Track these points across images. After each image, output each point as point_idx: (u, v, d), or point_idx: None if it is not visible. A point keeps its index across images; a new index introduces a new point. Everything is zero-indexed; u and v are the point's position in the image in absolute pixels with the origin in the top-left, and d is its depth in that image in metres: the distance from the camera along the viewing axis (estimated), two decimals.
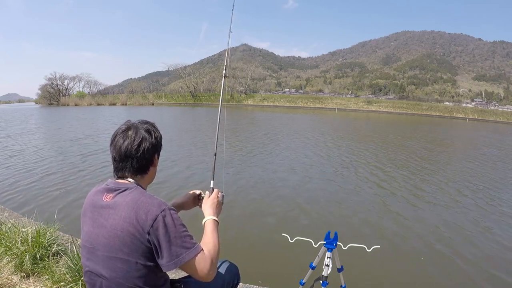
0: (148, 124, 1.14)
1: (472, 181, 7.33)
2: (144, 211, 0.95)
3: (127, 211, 0.96)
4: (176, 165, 7.74)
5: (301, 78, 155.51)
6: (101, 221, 1.00)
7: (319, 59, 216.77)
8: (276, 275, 3.13)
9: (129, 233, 0.94)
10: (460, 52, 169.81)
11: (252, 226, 4.39)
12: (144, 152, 1.07)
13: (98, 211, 1.03)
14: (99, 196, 1.06)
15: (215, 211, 1.22)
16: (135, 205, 0.97)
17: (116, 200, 1.01)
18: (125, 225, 0.95)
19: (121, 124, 1.13)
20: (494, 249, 3.95)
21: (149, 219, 0.94)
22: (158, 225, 0.94)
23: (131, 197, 1.00)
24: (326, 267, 1.74)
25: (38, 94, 63.31)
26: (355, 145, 12.44)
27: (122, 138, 1.06)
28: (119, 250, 0.95)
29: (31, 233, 2.33)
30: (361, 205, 5.35)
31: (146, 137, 1.08)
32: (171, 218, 0.96)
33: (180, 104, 57.30)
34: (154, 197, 1.01)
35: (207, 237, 1.09)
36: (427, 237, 4.24)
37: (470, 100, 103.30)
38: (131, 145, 1.05)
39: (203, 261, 0.98)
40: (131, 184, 1.05)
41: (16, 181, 6.13)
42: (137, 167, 1.08)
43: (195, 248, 0.98)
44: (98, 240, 1.00)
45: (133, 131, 1.08)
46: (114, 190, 1.04)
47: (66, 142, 11.18)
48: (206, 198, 1.28)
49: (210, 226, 1.14)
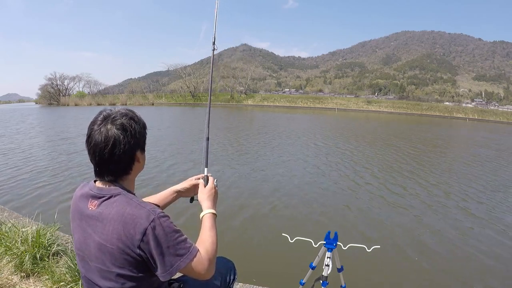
0: (125, 116, 0.96)
1: (473, 184, 7.34)
2: (132, 225, 0.88)
3: (114, 225, 0.90)
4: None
5: (301, 78, 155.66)
6: (89, 232, 0.95)
7: (319, 59, 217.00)
8: (276, 275, 3.13)
9: (118, 248, 0.89)
10: (460, 52, 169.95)
11: (252, 226, 4.39)
12: (120, 156, 0.94)
13: (85, 220, 0.96)
14: (84, 202, 0.98)
15: (213, 203, 1.17)
16: (121, 218, 0.89)
17: (101, 211, 0.93)
18: (113, 240, 0.89)
19: (97, 115, 0.97)
20: (494, 250, 3.95)
21: (138, 233, 0.87)
22: (148, 239, 0.88)
23: (117, 209, 0.91)
24: (326, 267, 1.74)
25: (38, 94, 63.36)
26: (355, 145, 12.44)
27: (95, 139, 0.92)
28: (111, 264, 0.92)
29: (31, 233, 2.33)
30: (361, 205, 5.35)
31: (120, 137, 0.93)
32: (162, 228, 0.90)
33: (180, 104, 57.29)
34: (141, 205, 0.92)
35: (205, 234, 1.04)
36: (428, 237, 4.24)
37: (470, 100, 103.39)
38: (103, 150, 0.92)
39: (200, 263, 0.95)
40: (114, 190, 0.96)
41: (17, 180, 6.13)
42: (116, 170, 0.97)
43: (190, 253, 0.94)
44: (89, 251, 0.95)
45: (104, 129, 0.92)
46: (97, 197, 0.95)
47: (66, 140, 11.20)
48: (201, 188, 1.21)
49: (209, 221, 1.08)
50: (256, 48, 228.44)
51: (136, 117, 1.00)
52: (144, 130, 1.03)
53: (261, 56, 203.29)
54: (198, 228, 1.09)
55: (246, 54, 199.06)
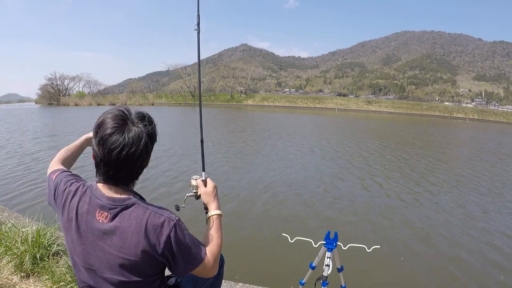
0: (145, 120, 0.91)
1: (480, 182, 7.33)
2: (154, 235, 0.89)
3: (136, 238, 0.88)
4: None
5: (301, 78, 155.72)
6: (101, 246, 0.90)
7: (319, 59, 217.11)
8: (276, 275, 3.13)
9: (142, 259, 0.90)
10: (460, 52, 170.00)
11: (252, 226, 4.39)
12: (142, 159, 0.91)
13: (94, 234, 0.90)
14: (90, 213, 0.90)
15: (218, 203, 1.18)
16: (143, 230, 0.88)
17: (118, 225, 0.88)
18: (137, 253, 0.89)
19: (110, 112, 0.89)
20: (496, 252, 3.95)
21: (162, 241, 0.89)
22: (170, 244, 0.91)
23: (136, 221, 0.89)
24: (326, 267, 1.74)
25: (38, 94, 63.38)
26: (356, 145, 12.44)
27: (117, 140, 0.84)
28: (131, 273, 0.91)
29: (31, 233, 2.33)
30: (361, 205, 5.35)
31: (148, 141, 0.89)
32: (182, 232, 0.93)
33: (180, 104, 57.29)
34: (158, 213, 0.91)
35: (212, 236, 1.06)
36: (428, 237, 4.23)
37: (470, 100, 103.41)
38: (131, 152, 0.85)
39: (208, 264, 0.98)
40: (127, 199, 0.91)
41: (17, 180, 6.13)
42: (133, 175, 0.94)
43: (202, 256, 0.98)
44: (101, 264, 0.91)
45: (132, 132, 0.86)
46: (108, 208, 0.89)
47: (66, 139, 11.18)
48: (203, 189, 1.18)
49: (216, 223, 1.10)
50: (256, 48, 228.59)
51: (152, 121, 0.95)
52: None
53: (261, 56, 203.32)
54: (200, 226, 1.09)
55: (246, 54, 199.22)
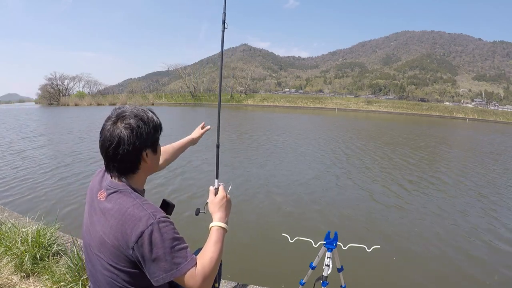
0: (135, 117, 0.96)
1: (474, 184, 7.33)
2: (130, 226, 0.88)
3: (114, 222, 0.91)
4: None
5: (301, 78, 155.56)
6: (94, 221, 0.98)
7: (319, 59, 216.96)
8: (276, 275, 3.13)
9: (114, 245, 0.90)
10: (460, 52, 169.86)
11: (252, 226, 4.39)
12: (123, 155, 0.94)
13: (94, 209, 1.00)
14: (96, 189, 1.02)
15: (225, 214, 1.12)
16: (122, 217, 0.90)
17: (106, 205, 0.95)
18: (111, 236, 0.91)
19: (112, 111, 0.99)
20: (498, 251, 3.95)
21: (134, 235, 0.86)
22: (143, 242, 0.86)
23: (119, 206, 0.92)
24: (326, 267, 1.74)
25: (38, 94, 63.26)
26: (356, 146, 12.44)
27: (103, 136, 0.95)
28: (108, 257, 0.93)
29: (31, 233, 2.33)
30: (361, 205, 5.35)
31: (125, 137, 0.92)
32: (159, 233, 0.86)
33: (180, 104, 57.30)
34: (143, 207, 0.91)
35: (207, 249, 0.96)
36: (428, 237, 4.23)
37: (470, 100, 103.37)
38: (108, 148, 0.94)
39: (192, 277, 0.88)
40: (122, 186, 0.97)
41: (18, 180, 6.13)
42: (120, 169, 0.97)
43: (186, 264, 0.88)
44: (92, 239, 0.99)
45: (112, 127, 0.94)
46: (106, 188, 0.98)
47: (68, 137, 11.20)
48: (212, 198, 1.15)
49: (215, 235, 1.01)
50: (256, 48, 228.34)
51: (147, 118, 0.98)
52: (155, 131, 1.01)
53: (261, 56, 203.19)
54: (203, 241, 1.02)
55: (246, 54, 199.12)
